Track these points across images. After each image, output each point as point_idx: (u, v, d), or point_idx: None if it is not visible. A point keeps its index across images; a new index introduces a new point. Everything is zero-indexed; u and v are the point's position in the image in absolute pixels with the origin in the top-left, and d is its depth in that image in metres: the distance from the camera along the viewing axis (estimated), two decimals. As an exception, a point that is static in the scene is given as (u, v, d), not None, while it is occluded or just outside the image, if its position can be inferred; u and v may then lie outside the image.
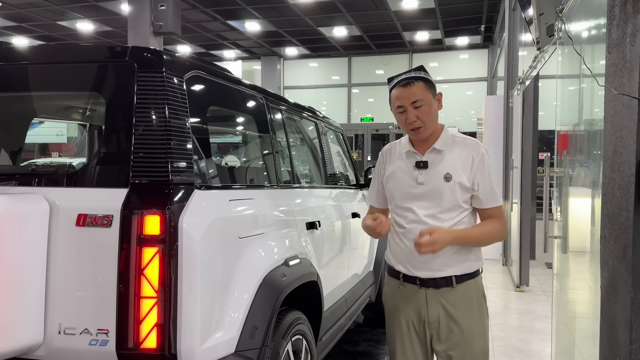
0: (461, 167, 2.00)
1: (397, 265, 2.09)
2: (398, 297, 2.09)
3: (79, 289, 1.69)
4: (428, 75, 2.07)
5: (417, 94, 1.97)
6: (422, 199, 2.01)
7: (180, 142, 1.79)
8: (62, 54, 1.96)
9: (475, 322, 2.03)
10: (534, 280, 6.44)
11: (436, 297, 2.02)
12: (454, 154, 2.03)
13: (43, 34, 14.38)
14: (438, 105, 2.07)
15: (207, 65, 2.12)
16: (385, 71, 17.01)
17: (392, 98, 2.05)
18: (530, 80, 5.67)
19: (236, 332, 1.85)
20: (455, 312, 2.01)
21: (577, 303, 3.48)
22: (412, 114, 1.98)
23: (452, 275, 2.00)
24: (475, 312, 2.04)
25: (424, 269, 2.01)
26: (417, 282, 2.03)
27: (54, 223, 1.71)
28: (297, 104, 3.22)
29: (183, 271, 1.66)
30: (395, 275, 2.11)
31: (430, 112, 2.00)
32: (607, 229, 1.96)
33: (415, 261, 2.01)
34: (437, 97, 2.06)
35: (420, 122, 1.99)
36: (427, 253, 1.87)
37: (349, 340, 4.21)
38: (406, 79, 2.01)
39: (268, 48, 16.34)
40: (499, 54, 12.66)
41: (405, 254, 2.04)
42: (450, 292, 2.01)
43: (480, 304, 2.06)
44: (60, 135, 11.21)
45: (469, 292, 2.03)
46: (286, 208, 2.47)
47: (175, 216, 1.67)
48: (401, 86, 2.00)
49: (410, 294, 2.06)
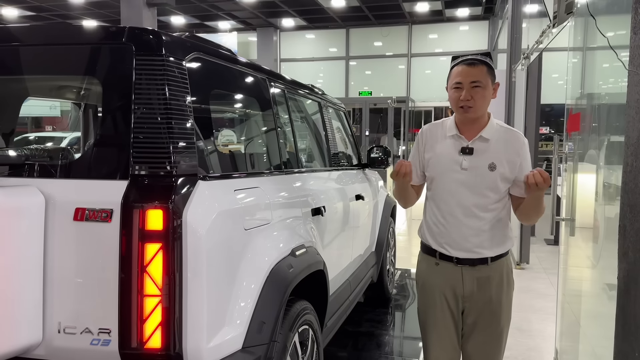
0: (506, 159, 2.06)
1: (434, 244, 2.16)
2: (433, 274, 2.18)
3: (79, 287, 1.61)
4: (492, 63, 2.11)
5: (478, 75, 2.03)
6: (464, 184, 2.07)
7: (182, 131, 1.68)
8: (55, 34, 1.83)
9: (504, 295, 2.15)
10: (533, 257, 6.43)
11: (472, 272, 2.12)
12: (500, 144, 2.08)
13: (32, 4, 13.97)
14: (493, 93, 2.09)
15: (209, 46, 2.00)
16: (384, 43, 16.73)
17: (452, 74, 2.10)
18: (537, 54, 5.52)
19: (243, 328, 1.78)
20: (488, 286, 2.12)
21: (583, 282, 3.45)
22: (468, 92, 2.02)
23: (487, 257, 2.10)
24: (505, 286, 2.16)
25: (462, 249, 2.10)
26: (453, 260, 2.12)
27: (50, 217, 1.62)
28: (301, 84, 3.10)
29: (188, 267, 1.58)
30: (431, 253, 2.19)
31: (484, 95, 2.04)
32: (627, 219, 1.89)
33: (454, 243, 2.11)
34: (494, 86, 2.09)
35: (473, 102, 2.02)
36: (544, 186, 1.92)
37: (351, 320, 4.18)
38: (472, 60, 2.06)
39: (264, 19, 15.99)
40: (500, 26, 12.42)
41: (444, 236, 2.12)
42: (485, 268, 2.11)
43: (509, 279, 2.19)
44: (55, 113, 11.00)
45: (501, 268, 2.15)
46: (291, 195, 2.38)
47: (179, 210, 1.58)
48: (465, 64, 2.06)
49: (446, 270, 2.15)
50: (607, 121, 2.74)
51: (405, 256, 6.45)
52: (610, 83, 2.78)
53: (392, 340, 4.00)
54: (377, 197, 4.23)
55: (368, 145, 13.51)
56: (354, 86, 16.99)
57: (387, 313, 4.52)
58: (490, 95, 2.08)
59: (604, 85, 2.93)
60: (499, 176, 2.06)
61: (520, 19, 7.15)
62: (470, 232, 2.09)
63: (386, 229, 4.31)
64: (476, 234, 2.09)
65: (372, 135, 14.88)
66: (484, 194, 2.06)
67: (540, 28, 4.89)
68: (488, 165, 2.06)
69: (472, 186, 2.07)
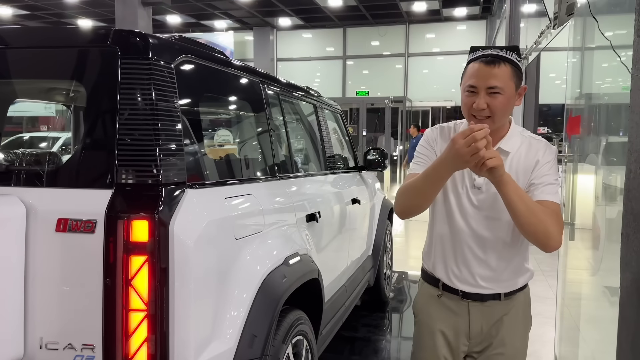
0: (523, 171, 1.67)
1: (437, 272, 1.81)
2: (434, 307, 1.82)
3: (61, 301, 1.54)
4: (520, 60, 1.66)
5: (499, 78, 1.58)
6: (477, 206, 1.70)
7: (169, 137, 1.62)
8: (41, 37, 1.76)
9: (518, 338, 1.80)
10: (531, 259, 6.36)
11: (480, 309, 1.76)
12: (520, 156, 1.68)
13: (27, 3, 13.86)
14: (518, 100, 1.67)
15: (199, 49, 1.93)
16: (381, 43, 16.68)
17: (467, 73, 1.65)
18: (535, 55, 5.47)
19: (234, 342, 1.71)
20: (500, 328, 1.76)
21: (582, 285, 3.40)
22: (483, 100, 1.59)
23: (501, 292, 1.75)
24: (521, 328, 1.81)
25: (470, 282, 1.74)
26: (459, 293, 1.77)
27: (31, 228, 1.55)
28: (295, 86, 3.04)
29: (175, 281, 1.51)
30: (433, 283, 1.84)
31: (506, 104, 1.61)
32: (630, 227, 1.83)
33: (460, 274, 1.75)
34: (520, 90, 1.65)
35: (489, 112, 1.60)
36: (492, 164, 1.45)
37: (348, 325, 4.12)
38: (493, 57, 1.60)
39: (261, 18, 15.91)
40: (498, 26, 12.37)
41: (448, 264, 1.77)
42: (498, 305, 1.76)
43: (526, 319, 1.84)
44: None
45: (517, 305, 1.79)
46: (285, 201, 2.32)
47: (166, 220, 1.51)
48: (484, 63, 1.59)
49: (449, 305, 1.79)
50: (606, 122, 2.69)
51: (403, 258, 6.40)
52: (609, 83, 2.73)
53: (389, 346, 3.94)
54: (374, 199, 4.18)
55: (365, 145, 13.47)
56: (351, 86, 16.94)
57: (384, 317, 4.47)
58: (514, 103, 1.65)
59: (603, 85, 2.89)
60: None
61: (519, 18, 7.10)
62: (481, 262, 1.73)
63: (383, 232, 4.26)
64: (487, 265, 1.73)
65: (370, 135, 14.84)
66: (499, 217, 1.67)
67: (539, 28, 4.84)
68: None
69: (486, 208, 1.69)
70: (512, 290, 1.76)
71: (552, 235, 1.57)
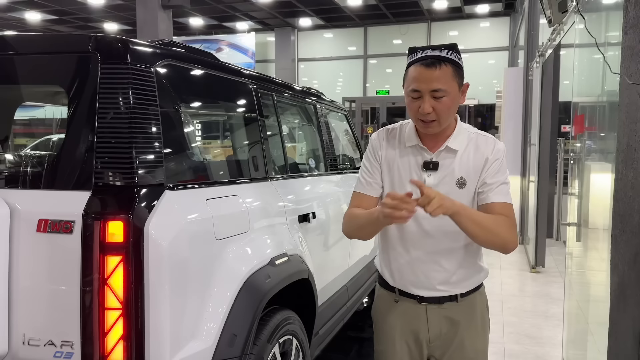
0: (473, 170, 1.69)
1: (392, 280, 1.80)
2: (392, 313, 1.81)
3: (42, 299, 1.59)
4: (460, 58, 1.66)
5: (441, 80, 1.59)
6: None
7: (147, 140, 1.65)
8: (23, 44, 1.82)
9: (479, 339, 1.81)
10: (550, 260, 6.25)
11: (438, 312, 1.76)
12: (469, 154, 1.70)
13: (54, 7, 14.25)
14: (461, 98, 1.68)
15: (183, 53, 1.97)
16: (403, 41, 16.55)
17: (409, 77, 1.65)
18: (551, 52, 5.35)
19: (213, 341, 1.74)
20: (459, 329, 1.77)
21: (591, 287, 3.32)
22: (428, 104, 1.60)
23: (457, 293, 1.76)
24: (479, 328, 1.81)
25: (426, 287, 1.74)
26: (416, 297, 1.77)
27: (15, 228, 1.61)
28: (291, 87, 3.05)
29: (150, 280, 1.55)
30: (389, 288, 1.82)
31: (450, 105, 1.63)
32: (618, 229, 1.79)
33: (417, 279, 1.74)
34: (463, 88, 1.67)
35: (435, 116, 1.62)
36: (438, 214, 1.50)
37: (354, 325, 4.12)
38: (433, 58, 1.60)
39: (281, 19, 15.99)
40: (520, 22, 12.15)
41: (404, 270, 1.76)
42: (455, 307, 1.77)
43: (484, 318, 1.84)
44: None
45: (474, 305, 1.80)
46: (275, 202, 2.34)
47: (141, 221, 1.55)
48: (424, 65, 1.60)
49: (407, 309, 1.78)
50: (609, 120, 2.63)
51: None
52: (615, 81, 2.66)
53: (395, 346, 3.92)
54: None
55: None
56: (373, 84, 16.85)
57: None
58: (458, 102, 1.66)
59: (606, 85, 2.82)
60: (470, 193, 1.68)
61: (537, 15, 6.95)
62: (436, 265, 1.73)
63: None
64: (443, 267, 1.73)
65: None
66: (451, 221, 1.62)
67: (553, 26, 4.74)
68: (456, 181, 1.68)
69: None
70: (468, 291, 1.78)
71: (508, 243, 1.66)
